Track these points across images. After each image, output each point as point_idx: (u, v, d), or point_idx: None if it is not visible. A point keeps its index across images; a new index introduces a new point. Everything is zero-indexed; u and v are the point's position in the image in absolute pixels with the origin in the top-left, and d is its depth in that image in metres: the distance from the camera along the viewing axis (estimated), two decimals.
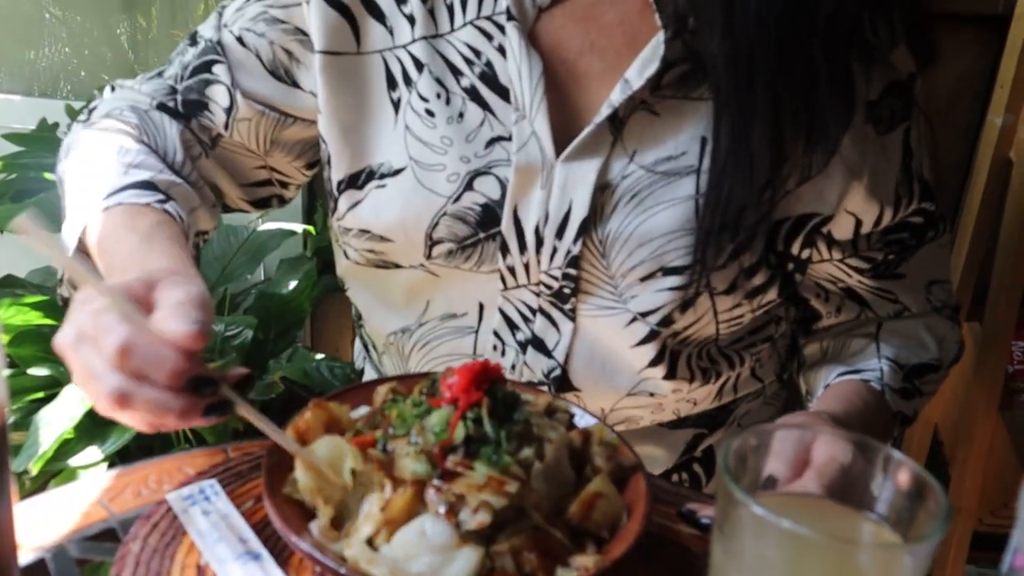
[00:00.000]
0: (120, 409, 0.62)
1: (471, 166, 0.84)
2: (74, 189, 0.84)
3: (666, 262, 0.83)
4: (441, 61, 0.85)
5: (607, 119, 0.82)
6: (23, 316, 1.20)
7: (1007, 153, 1.57)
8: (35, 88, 2.04)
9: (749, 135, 0.79)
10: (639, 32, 0.84)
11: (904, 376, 0.95)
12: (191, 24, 2.09)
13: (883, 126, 0.88)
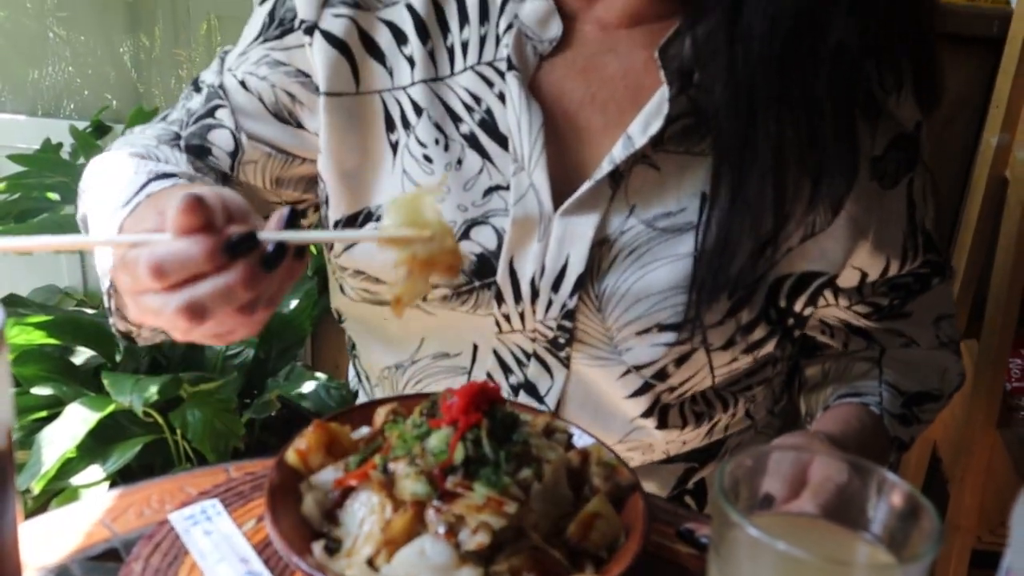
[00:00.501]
0: (199, 320, 0.59)
1: (468, 215, 0.83)
2: (96, 213, 0.82)
3: (663, 319, 0.82)
4: (440, 106, 0.85)
5: (607, 175, 0.81)
6: (27, 335, 1.21)
7: (1003, 172, 1.59)
8: (39, 107, 2.05)
9: (748, 190, 0.78)
10: (642, 85, 0.83)
11: (904, 403, 0.95)
12: (193, 44, 2.10)
13: (888, 180, 0.87)
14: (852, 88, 0.78)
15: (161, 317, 0.60)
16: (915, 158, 0.88)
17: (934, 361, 0.99)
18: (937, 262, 0.95)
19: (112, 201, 0.79)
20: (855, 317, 0.96)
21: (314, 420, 0.74)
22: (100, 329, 1.29)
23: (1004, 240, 1.55)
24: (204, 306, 0.58)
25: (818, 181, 0.79)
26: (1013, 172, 1.54)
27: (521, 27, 0.83)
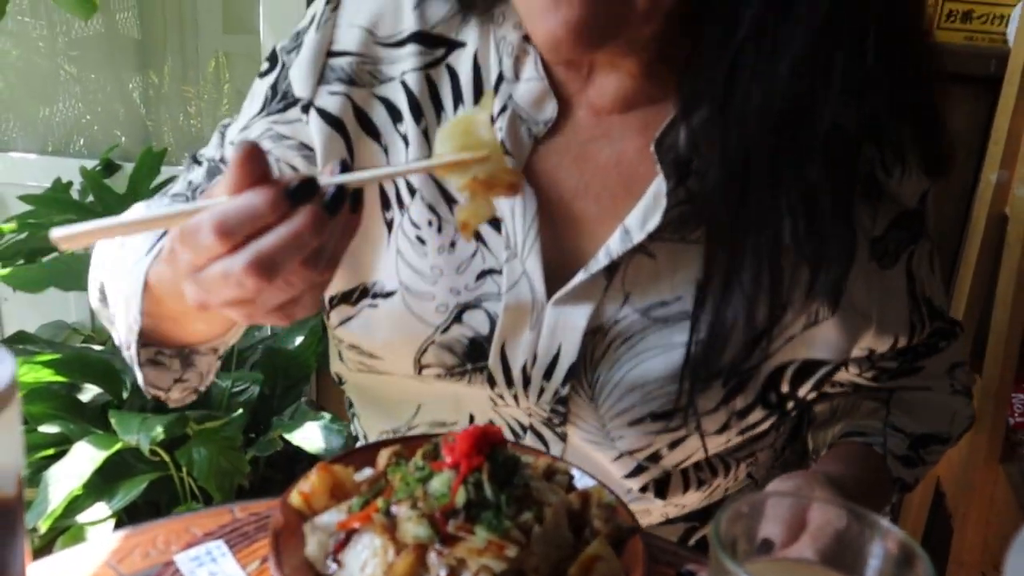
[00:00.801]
0: (269, 276, 0.56)
1: (461, 299, 0.83)
2: (114, 273, 0.81)
3: (656, 408, 0.81)
4: (435, 187, 0.83)
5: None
6: (35, 374, 1.22)
7: (1002, 209, 1.60)
8: (49, 143, 2.08)
9: (742, 280, 0.76)
10: (635, 174, 0.82)
11: (910, 444, 0.94)
12: (202, 81, 2.13)
13: (888, 259, 0.85)
14: (850, 172, 0.76)
15: (228, 284, 0.57)
16: (919, 233, 0.86)
17: (945, 405, 0.99)
18: (944, 328, 0.94)
19: (131, 257, 0.79)
20: (865, 380, 0.95)
21: (318, 463, 0.75)
22: (108, 366, 1.30)
23: (1004, 276, 1.56)
24: (273, 258, 0.56)
25: (816, 268, 0.77)
26: (1013, 209, 1.55)
27: (515, 108, 0.82)
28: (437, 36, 0.84)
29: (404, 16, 0.84)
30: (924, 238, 0.87)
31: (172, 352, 0.83)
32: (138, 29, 2.09)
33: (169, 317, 0.78)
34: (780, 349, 0.82)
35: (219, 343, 0.85)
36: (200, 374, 0.87)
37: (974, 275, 1.66)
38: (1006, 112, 1.57)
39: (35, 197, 1.51)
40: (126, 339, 0.81)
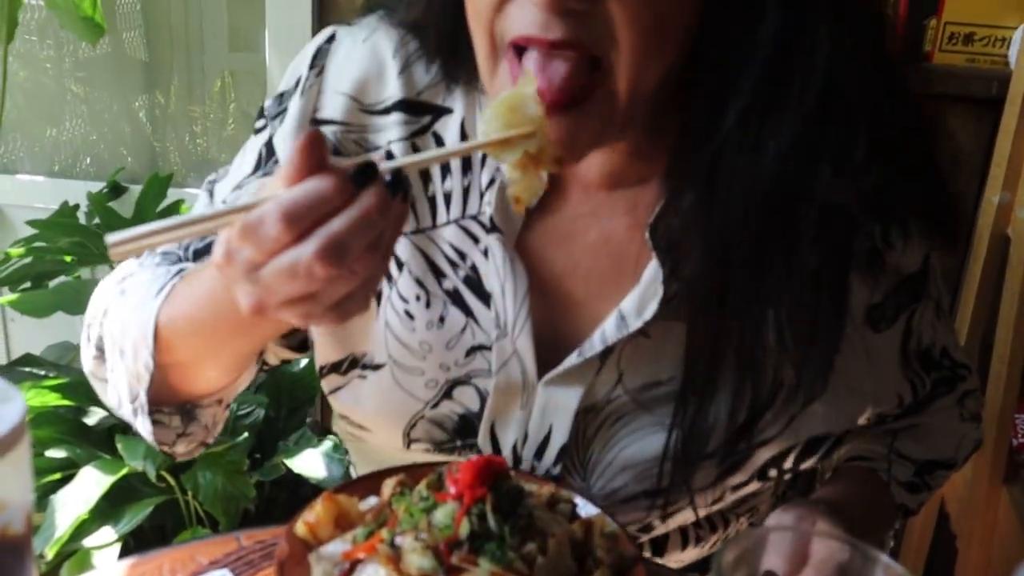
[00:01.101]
0: (339, 261, 0.55)
1: (451, 375, 0.81)
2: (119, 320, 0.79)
3: (648, 486, 0.80)
4: (423, 260, 0.81)
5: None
6: (42, 398, 1.23)
7: (1004, 229, 1.60)
8: (55, 164, 2.09)
9: (724, 370, 0.75)
10: (624, 254, 0.80)
11: (915, 471, 0.94)
12: (207, 100, 2.14)
13: (885, 323, 0.84)
14: (842, 261, 0.75)
15: (295, 276, 0.55)
16: (921, 293, 0.85)
17: (954, 432, 0.98)
18: (946, 376, 0.93)
19: (135, 303, 0.77)
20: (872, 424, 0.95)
21: (324, 493, 0.75)
22: None
23: (1007, 297, 1.56)
24: (343, 242, 0.55)
25: (801, 363, 0.76)
26: (1015, 230, 1.55)
27: (504, 181, 0.78)
28: (423, 103, 0.82)
29: (389, 83, 0.82)
30: (926, 298, 0.86)
31: (171, 409, 0.81)
32: (145, 49, 2.11)
33: (178, 365, 0.77)
34: (782, 433, 0.80)
35: (225, 394, 0.84)
36: (205, 427, 0.85)
37: (977, 295, 1.67)
38: (1008, 134, 1.57)
39: (42, 222, 1.52)
40: (132, 390, 0.79)
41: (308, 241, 0.55)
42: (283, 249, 0.55)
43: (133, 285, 0.80)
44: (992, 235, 1.62)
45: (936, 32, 1.69)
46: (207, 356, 0.77)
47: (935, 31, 1.68)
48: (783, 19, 0.65)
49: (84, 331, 0.86)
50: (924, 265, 0.84)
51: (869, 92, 0.68)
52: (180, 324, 0.74)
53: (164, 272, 0.79)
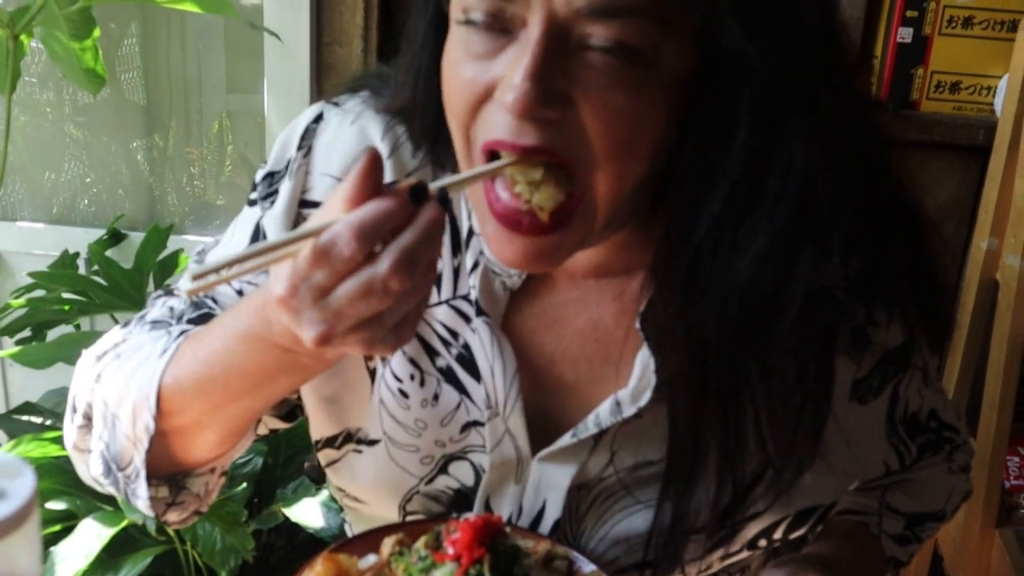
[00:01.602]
0: (411, 274, 0.57)
1: (446, 450, 0.82)
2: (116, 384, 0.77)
3: (639, 558, 0.80)
4: (416, 340, 0.81)
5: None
6: (42, 449, 1.23)
7: (993, 275, 1.63)
8: (54, 206, 2.11)
9: (706, 450, 0.76)
10: (613, 340, 0.80)
11: (905, 524, 0.95)
12: (205, 143, 2.16)
13: (871, 395, 0.84)
14: (827, 338, 0.75)
15: (370, 293, 0.57)
16: (907, 363, 0.85)
17: (943, 484, 0.99)
18: (932, 440, 0.93)
19: (135, 364, 0.77)
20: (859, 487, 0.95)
21: (323, 552, 0.76)
22: None
23: (996, 341, 1.58)
24: (414, 253, 0.57)
25: (794, 432, 0.76)
26: (1003, 276, 1.58)
27: (487, 264, 0.80)
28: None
29: None
30: (912, 368, 0.86)
31: (159, 480, 0.79)
32: (143, 92, 2.13)
33: (178, 430, 0.76)
34: (771, 507, 0.80)
35: (221, 462, 0.83)
36: (197, 496, 0.83)
37: (967, 339, 1.69)
38: (995, 181, 1.60)
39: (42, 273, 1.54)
40: (125, 456, 0.77)
41: (382, 258, 0.57)
42: (356, 269, 0.57)
43: (129, 349, 0.80)
44: (981, 280, 1.64)
45: (923, 81, 1.71)
46: (210, 418, 0.76)
47: (922, 80, 1.71)
48: (754, 135, 0.65)
49: (69, 402, 0.85)
50: (908, 337, 0.84)
51: (847, 193, 0.68)
52: (186, 384, 0.74)
53: (163, 334, 0.79)
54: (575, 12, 0.60)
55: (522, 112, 0.62)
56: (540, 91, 0.61)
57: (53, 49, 1.47)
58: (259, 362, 0.69)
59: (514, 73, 0.61)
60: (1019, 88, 1.53)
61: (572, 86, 0.62)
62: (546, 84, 0.61)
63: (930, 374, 0.90)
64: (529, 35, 0.61)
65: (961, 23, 1.68)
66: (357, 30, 1.68)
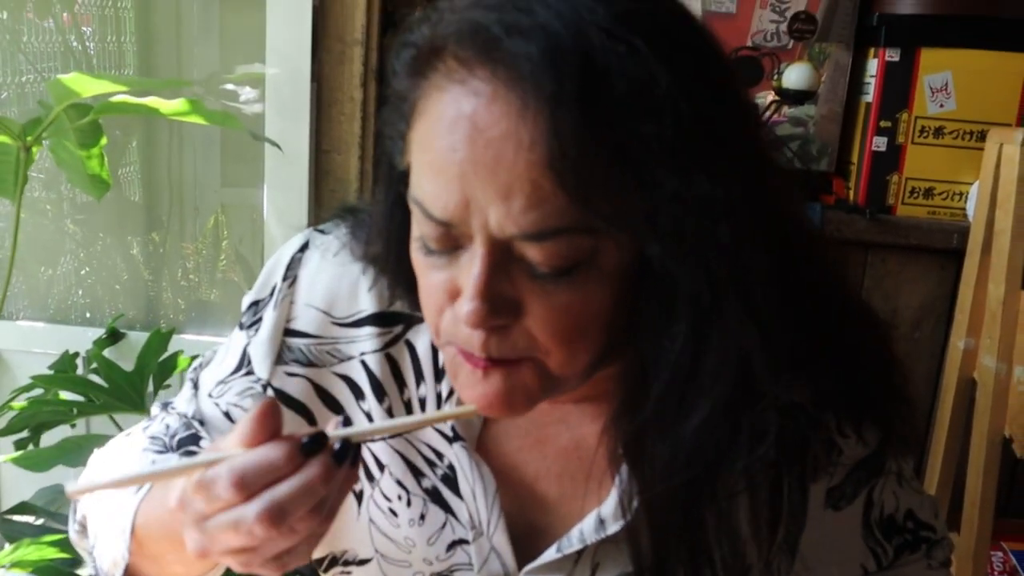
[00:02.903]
0: (278, 524, 0.59)
1: (434, 568, 0.84)
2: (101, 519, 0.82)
3: None
4: (402, 463, 0.84)
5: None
6: (40, 553, 1.24)
7: (971, 374, 1.67)
8: (51, 305, 2.13)
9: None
10: (596, 458, 0.79)
11: None
12: (200, 238, 2.20)
13: (845, 501, 0.85)
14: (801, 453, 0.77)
15: (237, 532, 0.60)
16: (880, 469, 0.87)
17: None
18: (909, 541, 0.94)
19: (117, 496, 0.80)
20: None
21: None
22: None
23: (976, 439, 1.62)
24: (284, 507, 0.59)
25: (772, 537, 0.79)
26: (980, 376, 1.62)
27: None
28: (394, 313, 0.84)
29: (360, 297, 0.84)
30: (885, 474, 0.88)
31: None
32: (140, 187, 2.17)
33: (150, 557, 0.79)
34: None
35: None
36: None
37: (948, 436, 1.73)
38: (969, 284, 1.66)
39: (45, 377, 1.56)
40: (110, 572, 0.81)
41: (253, 503, 0.59)
42: (229, 507, 0.60)
43: (121, 470, 0.83)
44: (959, 379, 1.69)
45: (898, 187, 1.79)
46: (174, 557, 0.78)
47: (897, 186, 1.79)
48: (692, 317, 0.66)
49: (71, 504, 0.89)
50: (880, 445, 0.85)
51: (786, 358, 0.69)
52: (152, 525, 0.77)
53: (149, 462, 0.83)
54: (510, 237, 0.63)
55: (475, 324, 0.65)
56: (489, 306, 0.64)
57: (60, 156, 1.52)
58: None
59: (467, 289, 0.65)
60: (989, 196, 1.60)
61: (519, 293, 0.65)
62: (494, 297, 0.64)
63: (905, 476, 0.92)
64: (475, 251, 0.64)
65: (932, 133, 1.76)
66: (355, 139, 1.74)
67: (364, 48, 1.71)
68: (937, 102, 1.75)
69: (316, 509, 0.61)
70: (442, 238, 0.65)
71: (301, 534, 0.62)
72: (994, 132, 1.63)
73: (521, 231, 0.62)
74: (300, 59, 1.74)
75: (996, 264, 1.58)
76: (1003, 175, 1.57)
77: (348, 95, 1.74)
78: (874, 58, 1.79)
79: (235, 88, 1.97)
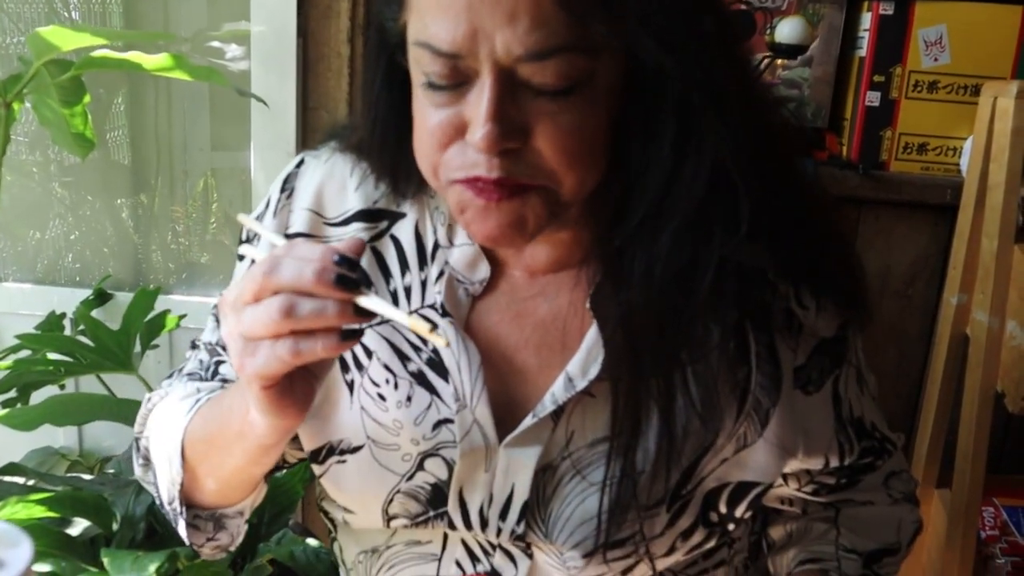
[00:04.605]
0: (288, 316, 0.64)
1: (421, 448, 0.87)
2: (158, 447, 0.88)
3: (604, 539, 0.84)
4: (389, 348, 0.88)
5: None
6: (28, 511, 1.24)
7: (964, 329, 1.67)
8: (39, 267, 2.12)
9: (645, 426, 0.82)
10: (571, 327, 0.87)
11: (863, 563, 0.98)
12: (190, 201, 2.18)
13: (812, 385, 0.90)
14: (763, 312, 0.84)
15: (257, 313, 0.65)
16: (841, 359, 0.92)
17: (890, 516, 1.02)
18: (875, 446, 0.98)
19: (170, 418, 0.88)
20: (806, 495, 1.00)
21: None
22: (99, 501, 1.32)
23: (968, 394, 1.62)
24: (298, 311, 0.64)
25: (742, 400, 0.85)
26: (973, 331, 1.62)
27: (452, 272, 0.88)
28: (380, 210, 0.91)
29: (348, 197, 0.91)
30: (847, 363, 0.92)
31: (207, 515, 0.90)
32: (129, 150, 2.15)
33: (195, 478, 0.85)
34: (713, 472, 0.87)
35: (243, 506, 0.92)
36: (231, 535, 0.94)
37: (940, 392, 1.72)
38: (963, 239, 1.65)
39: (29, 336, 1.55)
40: (168, 494, 0.88)
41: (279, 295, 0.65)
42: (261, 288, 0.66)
43: (170, 402, 0.91)
44: (952, 334, 1.68)
45: (892, 142, 1.77)
46: (208, 468, 0.85)
47: (891, 141, 1.77)
48: (678, 126, 0.74)
49: (133, 442, 0.97)
50: (842, 332, 0.91)
51: (755, 174, 0.77)
52: (194, 438, 0.84)
53: (194, 391, 0.90)
54: (516, 59, 0.69)
55: (489, 148, 0.71)
56: (501, 128, 0.71)
57: (43, 114, 1.50)
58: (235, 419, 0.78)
59: (477, 117, 0.71)
60: (983, 150, 1.58)
61: (526, 117, 0.72)
62: (505, 121, 0.71)
63: (865, 380, 0.96)
64: (483, 82, 0.71)
65: (926, 87, 1.74)
66: (342, 95, 1.72)
67: (351, 2, 1.68)
68: (931, 56, 1.73)
69: (312, 335, 0.66)
70: (449, 72, 0.71)
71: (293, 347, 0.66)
72: (988, 85, 1.61)
73: (527, 51, 0.68)
74: (286, 15, 1.71)
75: (989, 218, 1.57)
76: (997, 129, 1.56)
77: (335, 51, 1.72)
78: (868, 12, 1.77)
79: (221, 45, 1.94)
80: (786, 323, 0.87)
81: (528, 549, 0.89)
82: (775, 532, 1.06)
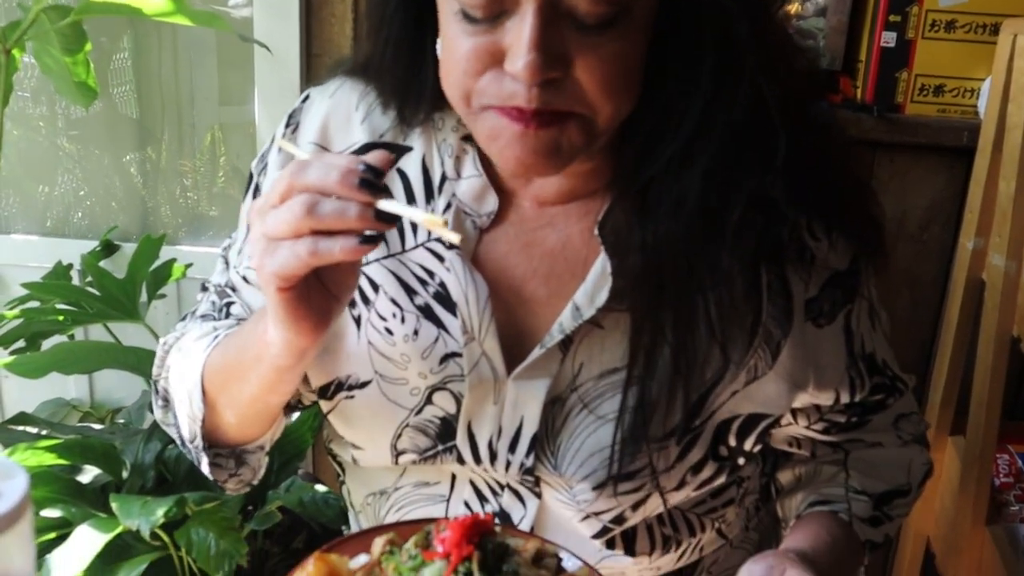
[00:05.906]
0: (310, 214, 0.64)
1: (428, 382, 0.87)
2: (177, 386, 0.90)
3: (616, 471, 0.85)
4: (395, 281, 0.88)
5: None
6: (37, 458, 1.24)
7: (979, 274, 1.64)
8: (48, 221, 2.12)
9: (663, 352, 0.82)
10: (579, 256, 0.87)
11: (873, 505, 0.97)
12: (198, 155, 2.17)
13: (824, 318, 0.90)
14: (776, 245, 0.83)
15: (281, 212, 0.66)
16: (853, 292, 0.91)
17: (899, 458, 1.02)
18: (886, 384, 0.97)
19: (189, 355, 0.89)
20: (815, 433, 0.99)
21: (315, 552, 0.78)
22: (108, 448, 1.33)
23: (984, 340, 1.59)
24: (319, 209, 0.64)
25: (754, 331, 0.84)
26: (989, 276, 1.59)
27: (459, 205, 0.87)
28: (386, 144, 0.90)
29: (354, 130, 0.90)
30: (860, 297, 0.92)
31: (227, 452, 0.91)
32: (135, 106, 2.14)
33: (215, 413, 0.86)
34: (725, 404, 0.87)
35: (263, 440, 0.92)
36: (252, 469, 0.95)
37: (955, 338, 1.70)
38: (979, 182, 1.62)
39: (36, 284, 1.55)
40: (191, 431, 0.88)
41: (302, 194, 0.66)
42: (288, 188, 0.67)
43: (187, 342, 0.92)
44: (968, 279, 1.66)
45: (907, 84, 1.73)
46: (227, 399, 0.85)
47: (907, 83, 1.73)
48: (716, 59, 0.75)
49: (152, 385, 0.98)
50: (854, 266, 0.91)
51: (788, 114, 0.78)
52: (212, 371, 0.85)
53: (210, 329, 0.91)
54: None
55: (531, 78, 0.71)
56: (544, 57, 0.70)
57: (45, 63, 1.49)
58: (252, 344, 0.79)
59: (519, 45, 0.70)
60: (1001, 90, 1.54)
61: (567, 48, 0.71)
62: (547, 50, 0.70)
63: (878, 315, 0.96)
64: (524, 11, 0.70)
65: (944, 27, 1.70)
66: (346, 41, 1.69)
67: None
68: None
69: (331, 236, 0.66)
70: (488, 4, 0.71)
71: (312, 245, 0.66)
72: (1008, 23, 1.57)
73: None
74: None
75: (1007, 160, 1.53)
76: (1017, 67, 1.51)
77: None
78: None
79: None
80: (798, 255, 0.86)
81: (537, 487, 0.88)
82: (784, 476, 1.05)
